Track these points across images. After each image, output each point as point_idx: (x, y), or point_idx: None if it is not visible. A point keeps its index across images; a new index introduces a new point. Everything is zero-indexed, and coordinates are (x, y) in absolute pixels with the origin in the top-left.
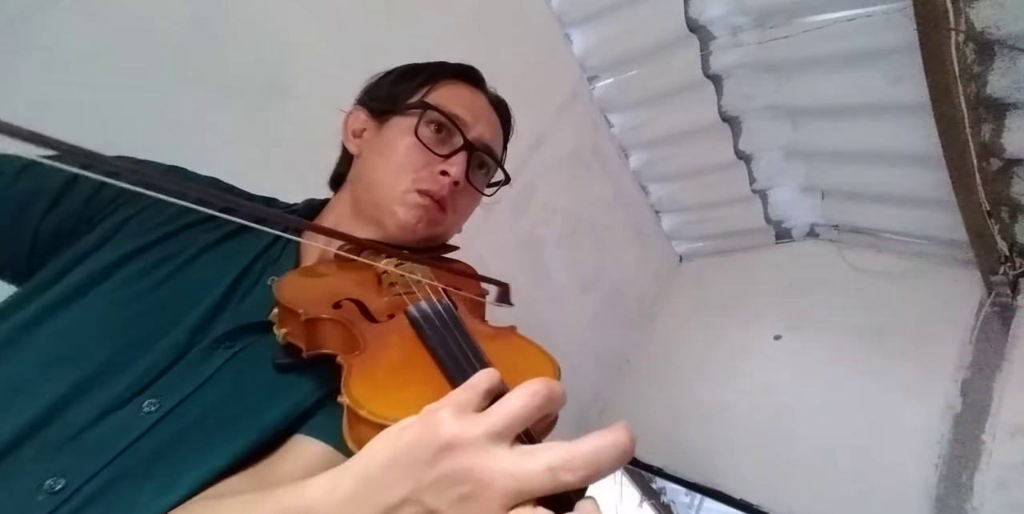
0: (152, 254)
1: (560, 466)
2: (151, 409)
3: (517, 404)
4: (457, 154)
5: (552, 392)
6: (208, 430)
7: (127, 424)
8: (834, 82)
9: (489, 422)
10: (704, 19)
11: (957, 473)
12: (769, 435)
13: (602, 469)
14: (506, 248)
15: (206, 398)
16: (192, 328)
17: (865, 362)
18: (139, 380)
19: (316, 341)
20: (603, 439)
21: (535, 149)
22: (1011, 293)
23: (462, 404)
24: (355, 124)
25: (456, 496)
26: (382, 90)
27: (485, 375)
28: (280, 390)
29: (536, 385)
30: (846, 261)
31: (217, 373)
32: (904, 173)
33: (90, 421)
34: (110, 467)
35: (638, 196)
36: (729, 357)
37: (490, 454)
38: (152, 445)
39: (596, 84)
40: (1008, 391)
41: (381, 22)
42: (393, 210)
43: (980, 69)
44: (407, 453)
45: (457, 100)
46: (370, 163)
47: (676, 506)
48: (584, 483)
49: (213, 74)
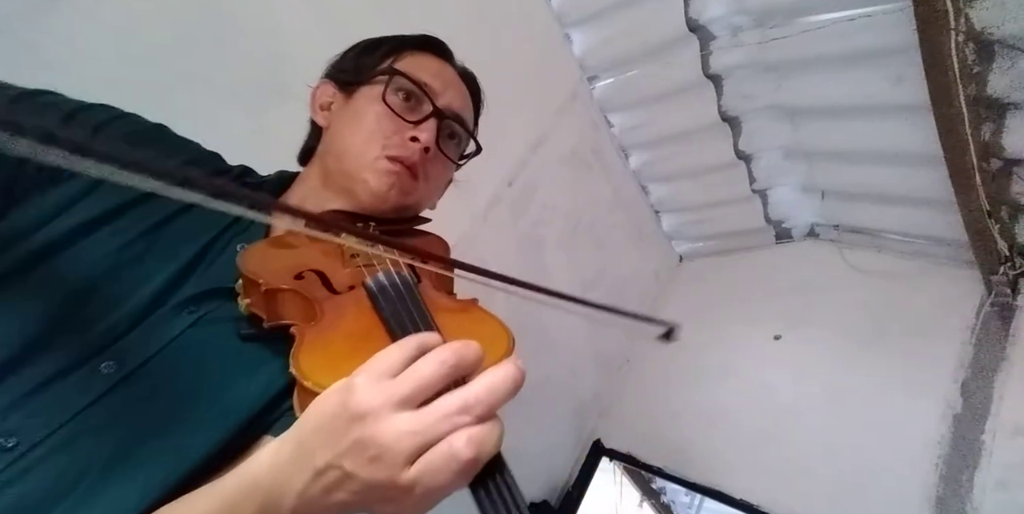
0: (120, 219)
1: (458, 411)
2: (109, 371)
3: (425, 371)
4: (427, 121)
5: (461, 359)
6: (170, 400)
7: (84, 385)
8: (834, 82)
9: (396, 391)
10: (704, 19)
11: (957, 473)
12: (769, 435)
13: (496, 405)
14: (506, 248)
15: (168, 362)
16: (155, 292)
17: (865, 362)
18: (97, 342)
19: (276, 312)
20: (494, 377)
21: (535, 149)
22: (1011, 293)
23: (381, 370)
24: (323, 97)
25: (366, 459)
26: (348, 62)
27: (416, 338)
28: (245, 364)
29: (444, 353)
30: (846, 261)
31: (179, 337)
32: (904, 173)
33: (44, 381)
34: (67, 426)
35: (638, 196)
36: (729, 357)
37: (392, 420)
38: (113, 407)
39: (596, 84)
40: (1008, 391)
41: (381, 22)
42: (364, 178)
43: (980, 69)
44: (328, 421)
45: (424, 68)
46: (339, 134)
47: (676, 506)
48: (482, 419)
49: (213, 74)
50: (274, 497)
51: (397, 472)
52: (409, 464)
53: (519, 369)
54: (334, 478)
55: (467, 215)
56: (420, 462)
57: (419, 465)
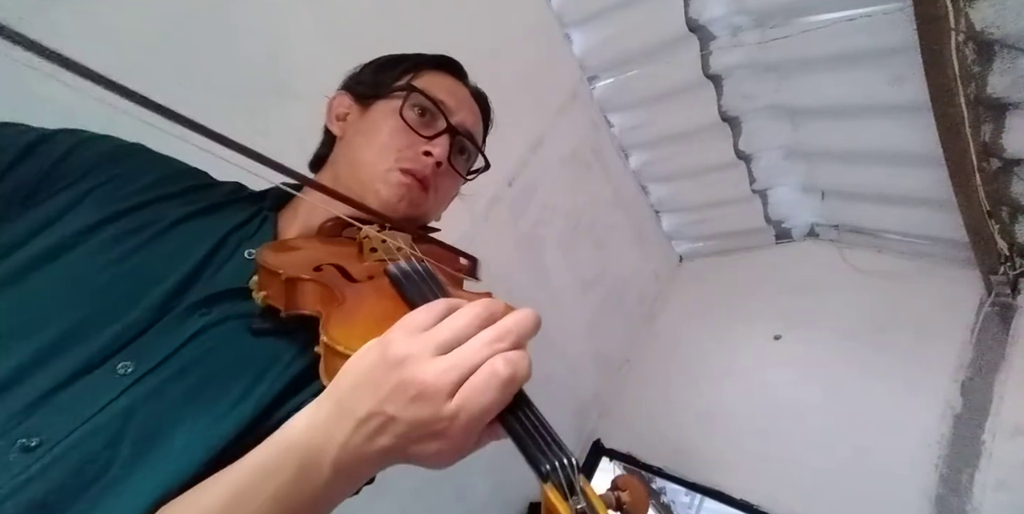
0: (125, 222)
1: (493, 339)
2: (125, 371)
3: (460, 322)
4: (440, 136)
5: (492, 313)
6: (189, 394)
7: (101, 385)
8: (834, 82)
9: (433, 337)
10: (704, 19)
11: (957, 473)
12: (769, 435)
13: (525, 335)
14: (506, 248)
15: (183, 362)
16: (166, 295)
17: (865, 362)
18: (112, 343)
19: (295, 301)
20: (521, 313)
21: (535, 149)
22: (1011, 293)
23: (413, 326)
24: (339, 108)
25: (408, 398)
26: (367, 76)
27: (444, 300)
28: (258, 359)
29: (476, 308)
30: (846, 261)
31: (193, 338)
32: (904, 173)
33: (61, 382)
34: (86, 425)
35: (638, 196)
36: (729, 357)
37: (432, 362)
38: (130, 405)
39: (596, 84)
40: (1008, 391)
41: (381, 22)
42: (376, 188)
43: (980, 69)
44: (366, 374)
45: (440, 87)
46: (354, 144)
47: (676, 506)
48: (515, 346)
49: (213, 74)
50: (314, 453)
51: (440, 406)
52: (450, 397)
53: (536, 314)
54: (377, 424)
55: (467, 215)
56: (463, 389)
57: (462, 391)
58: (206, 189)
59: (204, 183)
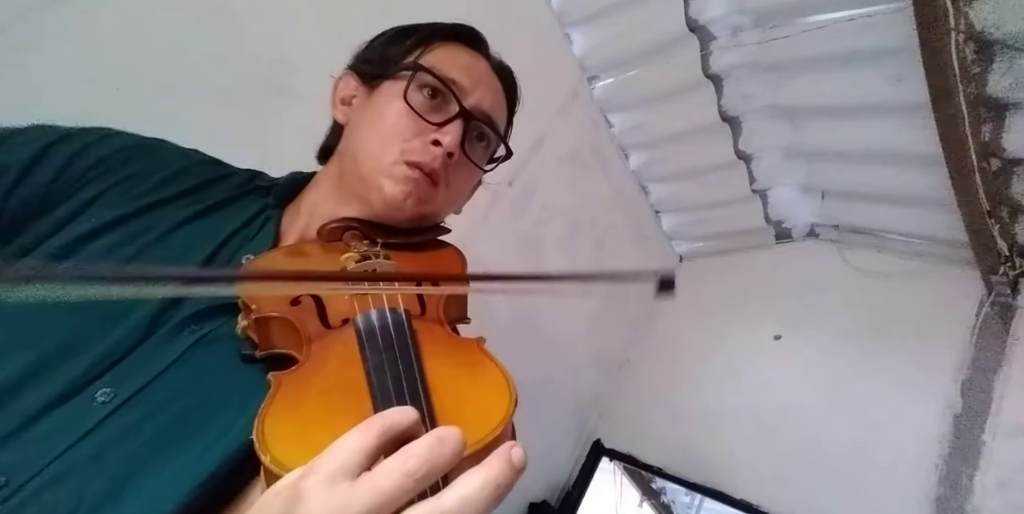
0: (121, 230)
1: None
2: (105, 398)
3: (385, 485)
4: (452, 123)
5: (431, 469)
6: (167, 430)
7: (78, 415)
8: (834, 82)
9: (348, 510)
10: (704, 19)
11: (957, 473)
12: (769, 435)
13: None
14: (506, 248)
15: (166, 388)
16: (154, 311)
17: (865, 362)
18: (95, 365)
19: (269, 340)
20: (471, 486)
21: (535, 149)
22: (1011, 293)
23: (336, 469)
24: (344, 91)
25: None
26: (374, 52)
27: (381, 422)
28: (246, 390)
29: (411, 463)
30: (846, 261)
31: (179, 359)
32: (904, 173)
33: (38, 410)
34: (59, 461)
35: (638, 196)
36: (729, 357)
37: None
38: (108, 438)
39: (596, 84)
40: (1008, 391)
41: (381, 22)
42: (380, 184)
43: (980, 69)
44: None
45: (454, 63)
46: (357, 133)
47: (676, 506)
48: None
49: (213, 74)
50: None
51: None
52: None
53: (510, 466)
54: None
55: (467, 215)
56: None
57: None
58: (218, 182)
59: (216, 176)
